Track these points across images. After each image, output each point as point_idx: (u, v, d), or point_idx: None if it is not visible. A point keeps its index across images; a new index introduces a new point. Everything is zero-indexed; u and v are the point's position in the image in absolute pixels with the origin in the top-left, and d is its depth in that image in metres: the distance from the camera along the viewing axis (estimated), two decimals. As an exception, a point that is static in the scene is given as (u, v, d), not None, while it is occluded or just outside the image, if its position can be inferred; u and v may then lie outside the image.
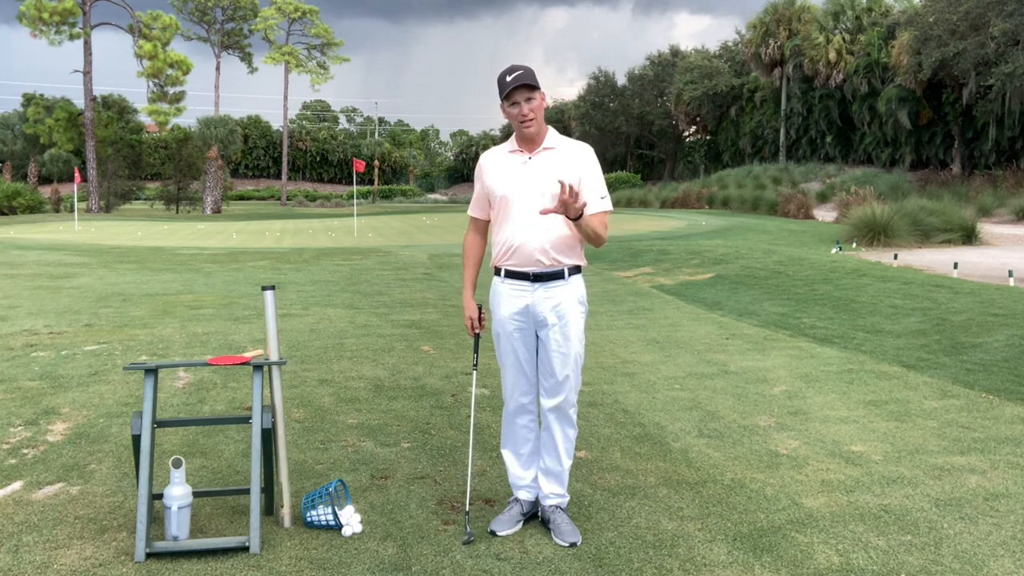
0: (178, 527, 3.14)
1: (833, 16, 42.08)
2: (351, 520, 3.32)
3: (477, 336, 3.45)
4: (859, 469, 4.07)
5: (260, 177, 78.53)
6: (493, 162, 3.34)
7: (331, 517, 3.33)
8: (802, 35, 42.70)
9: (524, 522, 3.42)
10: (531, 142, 3.24)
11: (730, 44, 55.49)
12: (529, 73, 3.13)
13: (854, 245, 16.72)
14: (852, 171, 39.08)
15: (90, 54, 42.45)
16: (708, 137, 57.91)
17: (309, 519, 3.35)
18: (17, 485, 3.78)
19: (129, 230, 26.50)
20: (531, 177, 3.21)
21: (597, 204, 3.19)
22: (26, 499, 3.62)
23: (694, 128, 59.27)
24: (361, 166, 25.06)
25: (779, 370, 6.23)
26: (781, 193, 31.16)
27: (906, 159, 38.69)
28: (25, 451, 4.25)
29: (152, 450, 3.18)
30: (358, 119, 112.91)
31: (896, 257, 14.22)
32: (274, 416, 3.38)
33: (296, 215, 41.76)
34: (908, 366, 6.34)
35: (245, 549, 3.12)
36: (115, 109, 49.15)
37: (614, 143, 62.00)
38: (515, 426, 3.45)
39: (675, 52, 58.19)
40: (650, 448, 4.39)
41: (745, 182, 39.05)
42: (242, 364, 3.94)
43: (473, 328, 3.42)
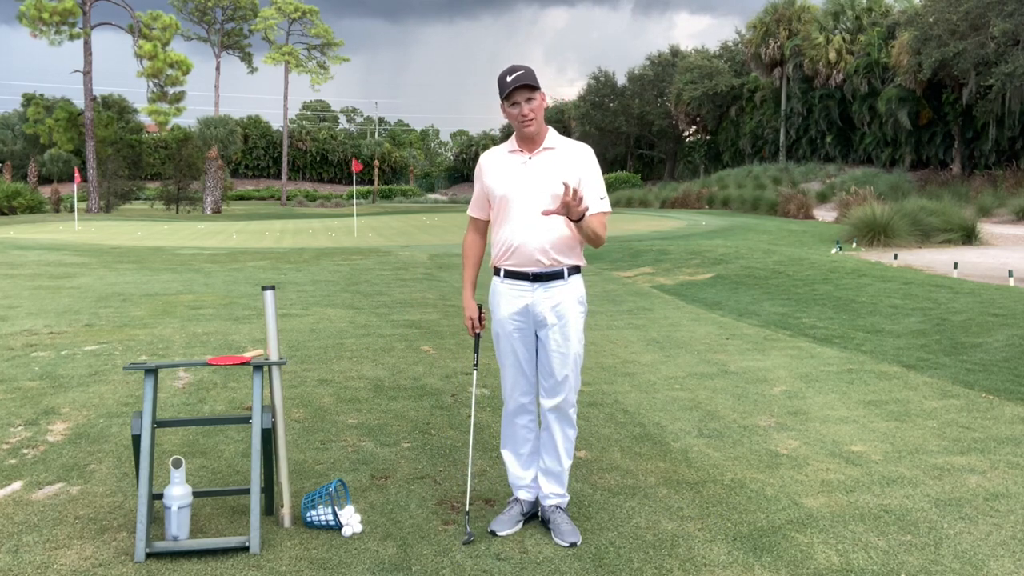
0: (178, 527, 3.14)
1: (833, 16, 42.09)
2: (351, 520, 3.32)
3: (477, 336, 3.45)
4: (859, 469, 4.07)
5: (260, 177, 78.54)
6: (493, 162, 3.34)
7: (331, 517, 3.33)
8: (802, 35, 42.70)
9: (524, 522, 3.42)
10: (531, 142, 3.25)
11: (730, 44, 55.51)
12: (529, 73, 3.13)
13: (854, 245, 16.72)
14: (852, 171, 39.09)
15: (90, 54, 42.46)
16: (708, 137, 57.91)
17: (309, 519, 3.35)
18: (17, 485, 3.78)
19: (129, 230, 26.50)
20: (531, 177, 3.21)
21: (597, 205, 3.19)
22: (26, 499, 3.62)
23: (694, 128, 59.27)
24: (358, 166, 25.26)
25: (779, 370, 6.23)
26: (781, 193, 31.16)
27: (906, 159, 38.69)
28: (25, 451, 4.25)
29: (152, 450, 3.18)
30: (358, 119, 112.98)
31: (896, 257, 14.22)
32: (274, 416, 3.38)
33: (296, 215, 41.76)
34: (908, 366, 6.34)
35: (245, 549, 3.13)
36: (115, 109, 49.16)
37: (614, 143, 62.00)
38: (515, 426, 3.45)
39: (675, 52, 58.19)
40: (650, 448, 4.39)
41: (745, 182, 39.06)
42: (242, 364, 3.94)
43: (473, 328, 3.42)
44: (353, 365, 6.31)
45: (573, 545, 3.20)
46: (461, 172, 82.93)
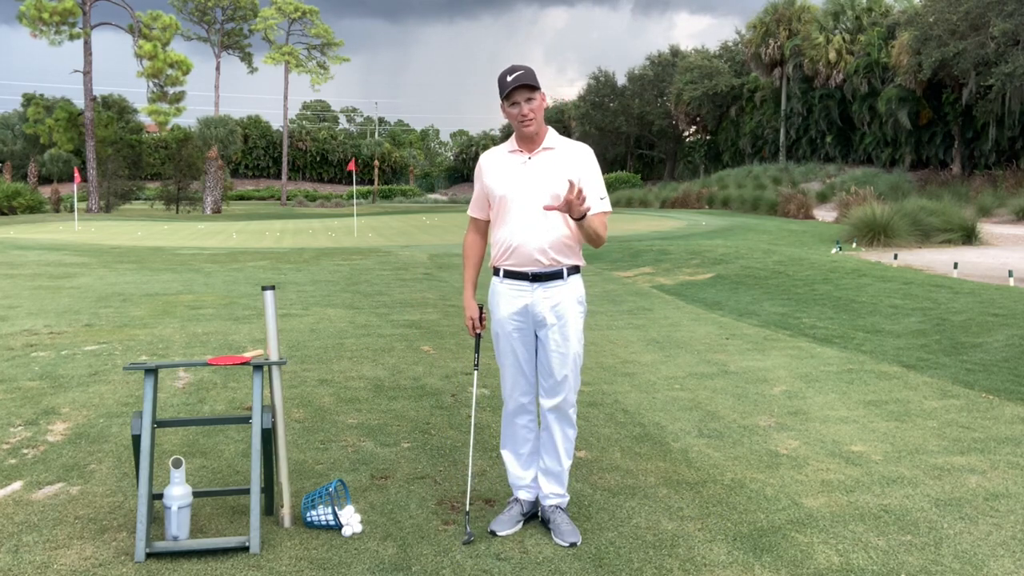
0: (178, 527, 3.14)
1: (833, 16, 42.09)
2: (351, 520, 3.32)
3: (478, 336, 3.45)
4: (859, 469, 4.07)
5: (260, 177, 78.53)
6: (493, 162, 3.34)
7: (331, 517, 3.33)
8: (802, 35, 42.70)
9: (524, 522, 3.42)
10: (531, 142, 3.25)
11: (730, 44, 55.52)
12: (529, 73, 3.13)
13: (854, 245, 16.72)
14: (852, 171, 39.09)
15: (90, 54, 42.46)
16: (708, 137, 57.91)
17: (309, 519, 3.35)
18: (17, 485, 3.78)
19: (129, 230, 26.50)
20: (531, 177, 3.21)
21: (597, 205, 3.19)
22: (26, 499, 3.62)
23: (694, 128, 59.27)
24: (354, 166, 25.53)
25: (779, 370, 6.23)
26: (781, 193, 31.17)
27: (906, 159, 38.69)
28: (25, 451, 4.25)
29: (152, 450, 3.18)
30: (358, 119, 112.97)
31: (896, 257, 14.22)
32: (274, 416, 3.38)
33: (296, 215, 41.76)
34: (908, 366, 6.34)
35: (245, 549, 3.13)
36: (115, 109, 49.16)
37: (614, 143, 62.00)
38: (515, 426, 3.45)
39: (675, 52, 58.19)
40: (650, 448, 4.39)
41: (745, 182, 39.06)
42: (242, 364, 3.94)
43: (474, 328, 3.42)
44: (353, 365, 6.31)
45: (573, 545, 3.20)
46: (461, 172, 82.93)
